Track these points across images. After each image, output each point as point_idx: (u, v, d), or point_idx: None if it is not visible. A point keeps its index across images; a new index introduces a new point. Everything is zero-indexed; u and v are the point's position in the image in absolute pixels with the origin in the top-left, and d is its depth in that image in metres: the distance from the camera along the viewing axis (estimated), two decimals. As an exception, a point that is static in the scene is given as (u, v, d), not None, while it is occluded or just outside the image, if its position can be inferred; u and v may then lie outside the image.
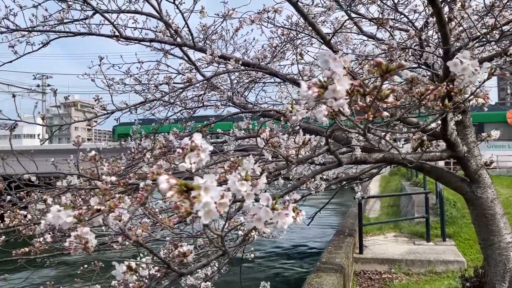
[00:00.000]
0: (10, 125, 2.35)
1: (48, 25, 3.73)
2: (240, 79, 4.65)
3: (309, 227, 7.18)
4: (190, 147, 1.08)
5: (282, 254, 12.62)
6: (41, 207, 3.08)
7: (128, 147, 4.36)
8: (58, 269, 9.82)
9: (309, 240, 14.83)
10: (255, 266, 10.11)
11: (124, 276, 1.31)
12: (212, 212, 0.74)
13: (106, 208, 1.13)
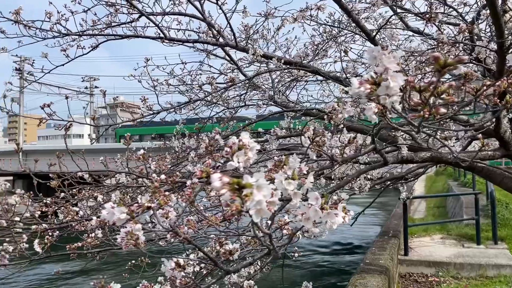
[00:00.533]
0: (63, 125, 2.46)
1: (97, 29, 3.88)
2: (281, 78, 4.64)
3: (349, 227, 7.07)
4: (238, 145, 1.08)
5: (323, 254, 12.50)
6: (91, 204, 3.21)
7: (171, 146, 4.46)
8: (107, 264, 10.21)
9: (350, 240, 14.60)
10: (296, 265, 10.07)
11: (172, 272, 1.34)
12: (263, 210, 0.74)
13: (156, 206, 1.16)
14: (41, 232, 2.10)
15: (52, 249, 2.21)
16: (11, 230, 2.22)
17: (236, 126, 4.45)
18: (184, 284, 1.71)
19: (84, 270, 10.68)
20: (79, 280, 11.24)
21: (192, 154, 3.08)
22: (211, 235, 1.72)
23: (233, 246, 1.51)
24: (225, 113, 4.37)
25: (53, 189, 2.78)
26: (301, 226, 1.02)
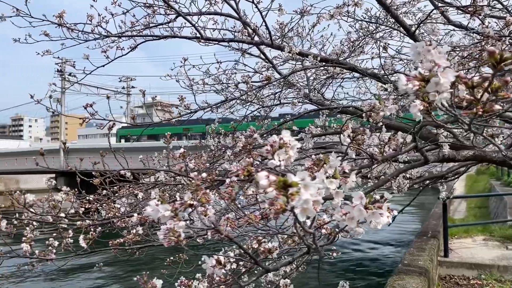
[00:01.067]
0: (105, 124, 2.53)
1: (135, 30, 3.97)
2: (316, 76, 4.60)
3: (385, 226, 6.91)
4: (278, 144, 1.08)
5: (358, 254, 12.32)
6: (129, 201, 3.29)
7: (207, 145, 4.51)
8: (146, 260, 10.44)
9: (386, 240, 14.33)
10: (331, 265, 9.98)
11: (213, 269, 1.36)
12: (309, 209, 0.73)
13: (198, 203, 1.17)
14: (85, 228, 2.17)
15: (95, 245, 2.29)
16: (57, 225, 2.31)
17: (270, 125, 4.45)
18: (223, 281, 1.73)
19: (122, 266, 10.98)
20: (117, 276, 11.58)
21: (228, 152, 3.11)
22: (250, 233, 1.73)
23: (272, 244, 1.51)
24: (260, 111, 4.38)
25: (93, 186, 2.88)
26: (344, 226, 1.01)
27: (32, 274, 2.32)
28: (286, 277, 2.90)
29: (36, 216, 2.30)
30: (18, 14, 3.51)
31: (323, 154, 2.06)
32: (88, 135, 76.12)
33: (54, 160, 32.53)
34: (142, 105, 68.76)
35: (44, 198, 2.40)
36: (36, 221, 2.27)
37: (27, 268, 2.39)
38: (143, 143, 28.44)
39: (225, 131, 4.31)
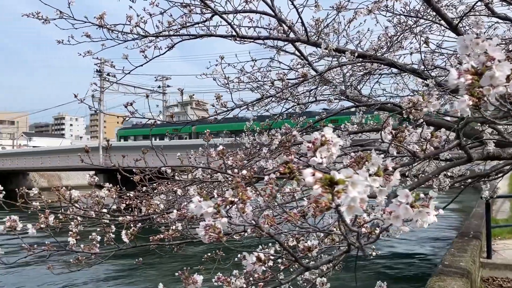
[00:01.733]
0: (144, 123, 2.59)
1: (172, 29, 4.03)
2: (353, 72, 4.52)
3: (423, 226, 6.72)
4: (320, 141, 1.07)
5: (396, 253, 12.06)
6: (163, 197, 3.35)
7: (242, 142, 4.53)
8: (183, 256, 10.66)
9: (423, 240, 13.97)
10: (368, 264, 9.82)
11: (253, 266, 1.36)
12: (355, 207, 0.72)
13: (239, 200, 1.18)
14: (126, 224, 2.23)
15: (136, 240, 2.34)
16: (100, 221, 2.38)
17: (306, 122, 4.42)
18: (262, 279, 1.73)
19: (159, 262, 11.23)
20: (153, 272, 11.85)
21: (264, 150, 3.11)
22: (290, 231, 1.72)
23: (312, 242, 1.50)
24: (295, 109, 4.35)
25: (132, 182, 2.95)
26: (388, 224, 0.98)
27: (77, 267, 2.41)
28: (322, 276, 2.88)
29: (80, 211, 2.38)
30: (61, 16, 3.64)
31: (361, 151, 2.02)
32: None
33: (94, 157, 33.67)
34: (178, 103, 69.84)
35: (88, 194, 2.48)
36: (80, 216, 2.36)
37: (72, 261, 2.49)
38: (182, 141, 29.30)
39: (260, 129, 4.32)
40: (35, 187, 2.20)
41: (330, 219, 2.45)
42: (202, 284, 1.59)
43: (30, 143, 74.48)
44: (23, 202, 2.24)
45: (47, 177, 58.82)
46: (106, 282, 11.81)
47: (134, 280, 11.74)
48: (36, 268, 12.29)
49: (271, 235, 1.18)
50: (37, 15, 3.62)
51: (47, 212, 1.89)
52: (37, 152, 44.74)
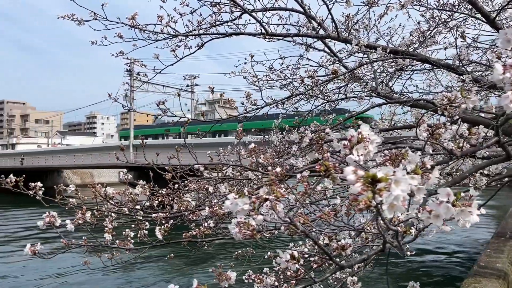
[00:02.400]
0: (176, 121, 2.61)
1: (202, 28, 4.07)
2: (384, 69, 4.44)
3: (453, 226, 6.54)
4: (357, 138, 1.05)
5: (427, 253, 11.80)
6: (198, 195, 3.39)
7: (270, 140, 4.53)
8: (215, 253, 10.78)
9: (456, 240, 13.61)
10: (399, 264, 9.65)
11: (287, 264, 1.36)
12: (397, 206, 0.70)
13: (274, 197, 1.18)
14: (159, 221, 2.27)
15: (168, 237, 2.38)
16: (134, 217, 2.44)
17: (335, 120, 4.37)
18: (295, 277, 1.73)
19: (190, 258, 11.38)
20: (185, 268, 12.03)
21: (294, 147, 3.10)
22: (322, 229, 1.71)
23: (346, 241, 1.48)
24: (324, 106, 4.31)
25: (162, 180, 3.00)
26: (428, 224, 0.96)
27: (111, 262, 2.47)
28: (353, 275, 2.85)
29: (115, 208, 2.44)
30: (95, 18, 3.74)
31: (393, 148, 1.98)
32: (155, 132, 79.50)
33: (122, 155, 34.36)
34: (205, 102, 70.43)
35: (121, 191, 2.54)
36: (114, 212, 2.41)
37: (107, 257, 2.55)
38: (210, 139, 30.07)
39: (289, 127, 4.30)
40: (72, 184, 2.27)
41: (362, 217, 2.42)
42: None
43: (64, 141, 76.91)
44: (60, 198, 2.31)
45: (80, 174, 60.57)
46: (139, 277, 12.06)
47: (165, 276, 11.94)
48: (74, 262, 12.69)
49: (306, 233, 1.17)
50: (72, 17, 3.73)
51: (84, 209, 1.95)
52: (70, 150, 46.16)
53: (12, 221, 26.72)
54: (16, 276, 13.22)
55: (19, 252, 16.33)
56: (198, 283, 1.39)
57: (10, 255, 16.70)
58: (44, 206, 2.28)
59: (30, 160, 49.85)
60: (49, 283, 12.25)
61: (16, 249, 17.73)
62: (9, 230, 23.39)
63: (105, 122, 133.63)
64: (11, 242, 20.07)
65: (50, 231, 2.13)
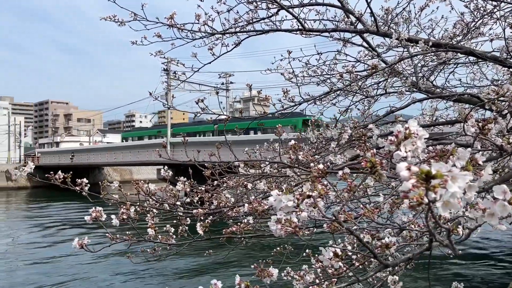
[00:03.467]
0: (215, 118, 2.64)
1: (239, 26, 4.08)
2: (425, 63, 4.31)
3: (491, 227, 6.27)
4: (404, 134, 1.03)
5: (472, 253, 11.40)
6: (237, 191, 3.41)
7: (307, 137, 4.49)
8: (252, 250, 10.88)
9: (499, 240, 13.07)
10: (443, 264, 9.37)
11: (329, 261, 1.35)
12: (452, 203, 0.68)
13: (317, 194, 1.17)
14: (200, 216, 2.30)
15: (207, 233, 2.41)
16: (175, 213, 2.48)
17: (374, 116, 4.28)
18: (336, 274, 1.71)
19: (227, 255, 11.50)
20: (222, 265, 12.18)
21: (332, 144, 3.06)
22: (364, 227, 1.68)
23: (390, 239, 1.45)
24: (363, 102, 4.24)
25: (200, 176, 3.04)
26: (482, 222, 0.92)
27: (153, 257, 2.53)
28: (394, 274, 2.79)
29: (156, 204, 2.49)
30: (135, 18, 3.82)
31: (437, 144, 1.92)
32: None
33: (161, 152, 35.23)
34: (240, 99, 70.90)
35: (162, 187, 2.59)
36: (156, 208, 2.47)
37: (149, 252, 2.61)
38: (246, 136, 30.68)
39: (326, 123, 4.25)
40: (116, 181, 2.34)
41: (403, 216, 2.36)
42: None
43: (104, 139, 79.60)
44: (105, 194, 2.39)
45: (120, 171, 62.48)
46: (178, 272, 12.32)
47: (203, 272, 12.13)
48: (116, 256, 13.11)
49: (350, 230, 1.16)
50: (113, 18, 3.84)
51: (128, 204, 2.00)
52: (110, 148, 47.73)
53: (58, 215, 27.95)
54: (61, 268, 13.81)
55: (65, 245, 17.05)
56: (240, 279, 1.40)
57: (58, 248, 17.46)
58: (90, 201, 2.37)
59: (76, 158, 51.90)
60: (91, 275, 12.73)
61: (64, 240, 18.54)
62: (57, 222, 24.47)
63: (143, 120, 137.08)
64: (57, 234, 21.00)
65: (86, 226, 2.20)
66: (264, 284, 1.45)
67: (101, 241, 2.58)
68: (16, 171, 2.22)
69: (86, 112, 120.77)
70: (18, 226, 25.39)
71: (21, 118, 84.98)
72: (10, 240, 21.21)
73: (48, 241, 19.82)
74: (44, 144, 78.68)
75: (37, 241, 20.08)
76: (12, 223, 27.00)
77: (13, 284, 12.59)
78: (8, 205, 38.37)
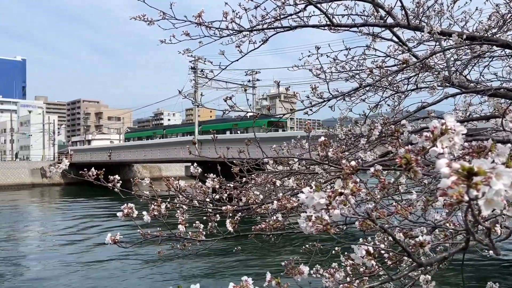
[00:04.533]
0: (243, 116, 2.65)
1: (266, 23, 4.07)
2: (458, 56, 4.18)
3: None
4: (440, 130, 1.00)
5: (508, 251, 11.03)
6: (265, 188, 3.41)
7: (335, 134, 4.44)
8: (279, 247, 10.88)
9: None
10: (476, 263, 9.11)
11: (362, 260, 1.33)
12: (495, 201, 0.65)
13: (349, 192, 1.15)
14: (230, 213, 2.31)
15: (236, 230, 2.42)
16: (204, 210, 2.50)
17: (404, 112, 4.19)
18: (368, 273, 1.68)
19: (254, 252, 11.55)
20: (249, 261, 12.24)
21: (362, 141, 3.02)
22: (400, 225, 1.65)
23: (424, 237, 1.41)
24: (393, 97, 4.15)
25: (229, 173, 3.05)
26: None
27: (183, 253, 2.56)
28: (426, 273, 2.73)
29: (186, 201, 2.52)
30: (164, 17, 3.87)
31: (471, 141, 1.86)
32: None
33: (184, 150, 35.88)
34: (266, 96, 70.98)
35: (192, 184, 2.62)
36: (185, 205, 2.50)
37: (179, 247, 2.64)
38: (276, 133, 31.03)
39: (355, 120, 4.19)
40: (147, 178, 2.38)
41: (435, 214, 2.30)
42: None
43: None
44: (136, 191, 2.43)
45: (149, 168, 63.64)
46: (207, 269, 12.46)
47: (234, 268, 12.22)
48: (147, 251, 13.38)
49: (384, 228, 1.13)
50: (143, 18, 3.89)
51: (159, 201, 2.03)
52: (140, 146, 48.69)
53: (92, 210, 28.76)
54: (93, 262, 14.21)
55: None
56: (271, 276, 1.40)
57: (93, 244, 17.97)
58: (121, 197, 2.42)
59: (104, 155, 53.19)
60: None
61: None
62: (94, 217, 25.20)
63: (171, 118, 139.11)
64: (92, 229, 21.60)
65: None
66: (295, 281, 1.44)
67: (128, 232, 2.63)
68: (52, 168, 2.29)
69: (116, 111, 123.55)
70: (54, 219, 26.30)
71: (55, 117, 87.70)
72: (46, 232, 22.00)
73: (80, 234, 20.45)
74: (76, 142, 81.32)
75: (70, 233, 20.75)
76: (48, 217, 28.01)
77: (48, 272, 13.06)
78: (43, 201, 39.77)
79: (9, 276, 13.14)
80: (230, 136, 35.54)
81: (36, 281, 12.51)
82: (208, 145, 30.43)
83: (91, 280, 12.28)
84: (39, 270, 13.81)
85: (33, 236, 21.17)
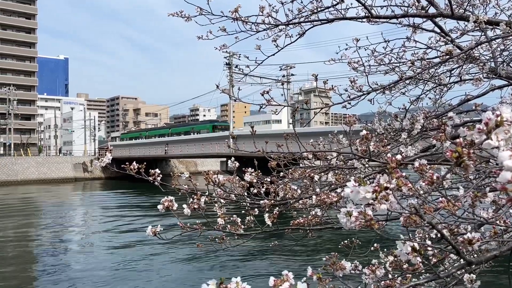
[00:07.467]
0: (279, 110, 2.63)
1: (303, 16, 4.02)
2: (505, 47, 3.99)
3: None
4: (495, 122, 0.95)
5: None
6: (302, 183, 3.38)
7: (373, 128, 4.34)
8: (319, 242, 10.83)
9: None
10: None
11: (408, 256, 1.29)
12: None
13: (395, 187, 1.12)
14: (268, 207, 2.31)
15: (274, 224, 2.42)
16: (242, 204, 2.51)
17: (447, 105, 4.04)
18: (412, 270, 1.63)
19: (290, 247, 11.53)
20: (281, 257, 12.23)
21: (403, 135, 2.94)
22: (448, 221, 1.59)
23: (473, 235, 1.36)
24: (435, 90, 4.01)
25: (265, 168, 3.04)
26: None
27: (221, 246, 2.58)
28: (470, 272, 2.63)
29: (223, 195, 2.54)
30: (201, 13, 3.90)
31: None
32: (253, 122, 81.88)
33: (219, 145, 36.34)
34: (300, 91, 70.61)
35: (230, 178, 2.63)
36: (223, 198, 2.51)
37: (218, 241, 2.67)
38: (312, 128, 31.00)
39: (395, 114, 4.08)
40: (186, 172, 2.41)
41: (482, 211, 2.21)
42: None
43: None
44: (176, 185, 2.47)
45: (185, 163, 64.78)
46: (244, 261, 12.57)
47: (271, 262, 12.26)
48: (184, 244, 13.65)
49: (432, 224, 1.09)
50: (180, 14, 3.94)
51: (199, 194, 2.05)
52: (176, 141, 49.62)
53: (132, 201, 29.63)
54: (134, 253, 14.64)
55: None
56: (312, 271, 1.39)
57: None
58: (160, 191, 2.47)
59: (142, 151, 54.59)
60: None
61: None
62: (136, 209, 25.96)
63: (206, 114, 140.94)
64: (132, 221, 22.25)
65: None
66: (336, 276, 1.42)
67: (166, 223, 2.67)
68: (96, 162, 2.36)
69: (153, 107, 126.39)
70: (95, 212, 27.27)
71: (95, 113, 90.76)
72: (89, 224, 22.85)
73: (121, 226, 21.10)
74: (116, 138, 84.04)
75: (111, 225, 21.46)
76: (90, 209, 29.09)
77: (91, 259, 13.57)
78: (85, 193, 41.30)
79: (60, 263, 13.76)
80: (266, 131, 35.61)
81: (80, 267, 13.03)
82: (243, 140, 30.61)
83: (135, 273, 12.66)
84: (82, 257, 14.39)
85: (77, 227, 22.06)
